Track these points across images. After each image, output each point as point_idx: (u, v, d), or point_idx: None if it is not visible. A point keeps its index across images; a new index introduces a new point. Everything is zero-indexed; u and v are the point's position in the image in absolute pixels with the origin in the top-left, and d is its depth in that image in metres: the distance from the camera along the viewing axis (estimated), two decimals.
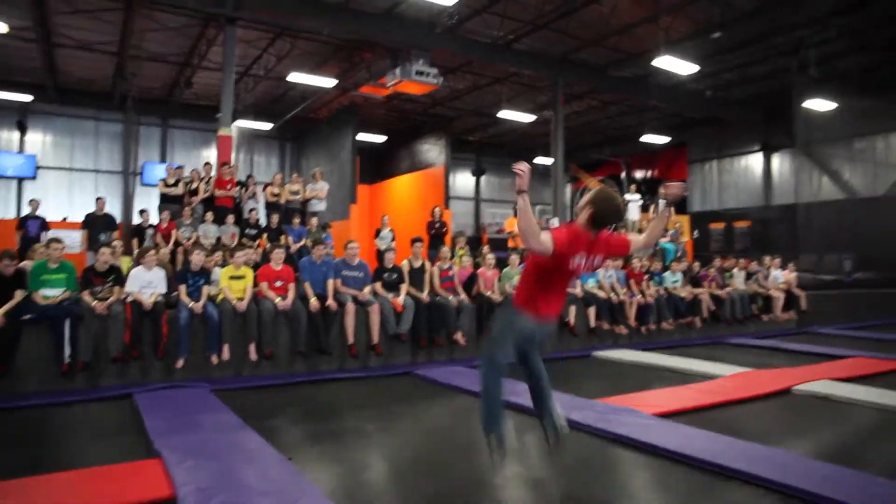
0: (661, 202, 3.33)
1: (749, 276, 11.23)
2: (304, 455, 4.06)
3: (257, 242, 9.34)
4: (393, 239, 10.88)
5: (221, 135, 11.26)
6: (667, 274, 10.14)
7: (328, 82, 14.71)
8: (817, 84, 14.53)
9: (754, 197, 20.09)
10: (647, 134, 20.70)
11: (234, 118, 11.93)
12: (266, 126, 18.81)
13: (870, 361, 7.51)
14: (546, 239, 2.80)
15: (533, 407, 3.07)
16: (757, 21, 12.55)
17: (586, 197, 2.94)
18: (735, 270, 11.10)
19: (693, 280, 10.39)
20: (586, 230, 2.86)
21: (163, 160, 18.24)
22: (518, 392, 4.32)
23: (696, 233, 19.32)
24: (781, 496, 3.27)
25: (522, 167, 2.78)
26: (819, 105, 15.28)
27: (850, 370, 6.91)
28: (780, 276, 11.43)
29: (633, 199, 14.45)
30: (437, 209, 11.88)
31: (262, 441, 4.15)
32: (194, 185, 10.07)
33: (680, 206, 21.08)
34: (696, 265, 10.83)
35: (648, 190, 19.32)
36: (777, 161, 19.60)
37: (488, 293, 8.18)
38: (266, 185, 10.87)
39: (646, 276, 9.83)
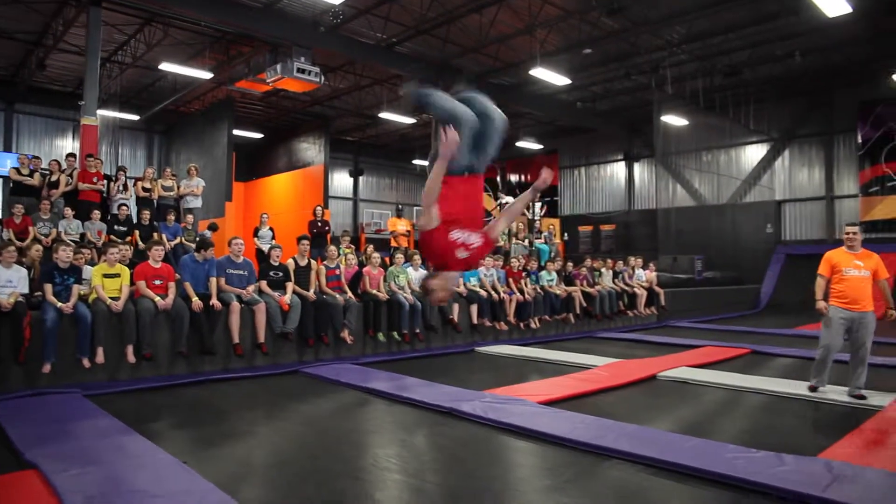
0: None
1: (616, 275, 12.12)
2: (196, 457, 3.93)
3: (127, 240, 8.77)
4: (273, 238, 10.64)
5: (85, 124, 10.43)
6: (543, 273, 10.72)
7: (203, 74, 14.03)
8: (672, 101, 15.98)
9: (618, 202, 21.66)
10: (521, 140, 21.64)
11: (97, 106, 11.04)
12: (132, 117, 17.57)
13: (718, 349, 8.48)
14: (435, 211, 2.92)
15: None
16: (621, 41, 13.62)
17: None
18: (603, 270, 11.92)
19: (566, 279, 11.06)
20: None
21: (7, 149, 16.48)
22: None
23: (565, 235, 20.54)
24: (654, 470, 3.65)
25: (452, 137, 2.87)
26: (674, 120, 16.78)
27: (703, 357, 7.80)
28: (642, 276, 12.43)
29: (508, 202, 15.06)
30: (318, 208, 11.82)
31: (150, 444, 3.96)
32: (54, 177, 9.24)
33: (552, 209, 22.29)
34: (570, 265, 11.52)
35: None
36: (638, 169, 21.26)
37: (374, 291, 8.28)
38: (136, 180, 10.23)
39: (524, 275, 10.35)
